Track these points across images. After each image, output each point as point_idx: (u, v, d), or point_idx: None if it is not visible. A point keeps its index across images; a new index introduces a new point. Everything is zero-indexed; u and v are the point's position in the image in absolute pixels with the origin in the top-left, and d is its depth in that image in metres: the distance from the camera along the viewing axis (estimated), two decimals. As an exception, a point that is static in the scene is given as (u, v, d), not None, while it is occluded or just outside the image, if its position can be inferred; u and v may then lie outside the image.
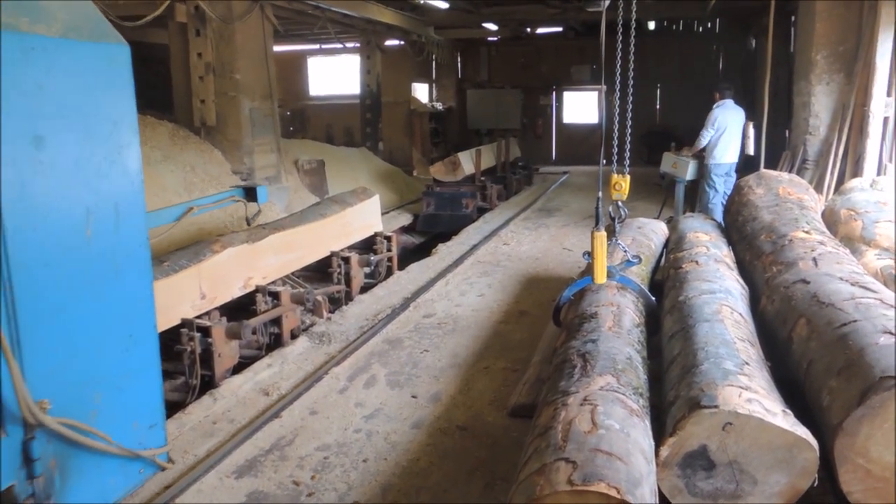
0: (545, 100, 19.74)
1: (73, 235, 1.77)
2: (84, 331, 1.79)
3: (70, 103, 1.77)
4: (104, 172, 1.84)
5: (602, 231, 4.00)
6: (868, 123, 7.43)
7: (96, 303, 1.83)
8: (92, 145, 1.82)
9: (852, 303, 3.35)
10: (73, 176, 1.76)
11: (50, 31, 1.70)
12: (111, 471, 1.95)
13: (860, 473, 2.70)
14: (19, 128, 1.59)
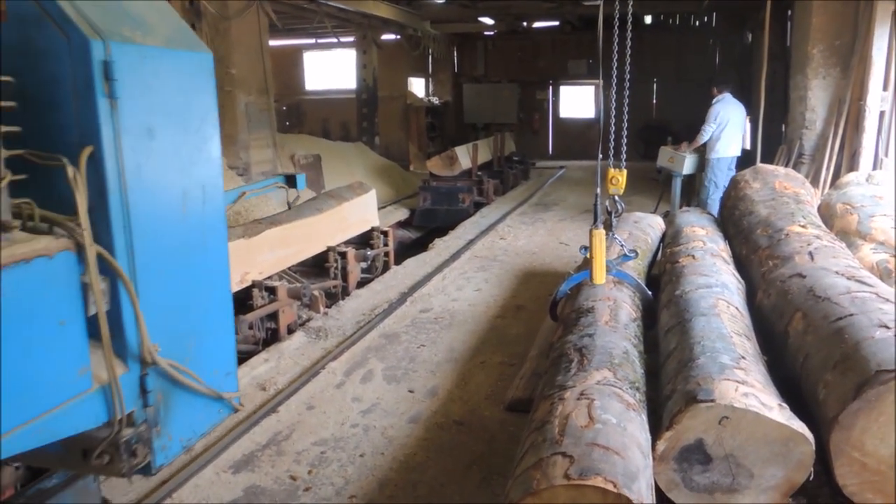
0: (542, 94, 19.71)
1: (173, 211, 2.12)
2: (181, 291, 2.17)
3: (171, 102, 2.12)
4: (195, 160, 2.20)
5: (601, 229, 3.98)
6: (864, 118, 7.43)
7: (189, 268, 2.21)
8: (186, 137, 2.17)
9: (848, 297, 3.36)
10: (173, 162, 2.11)
11: (156, 42, 2.08)
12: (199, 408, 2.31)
13: (856, 467, 2.71)
14: (137, 121, 1.94)
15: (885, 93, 7.36)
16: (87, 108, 1.89)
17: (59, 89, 1.90)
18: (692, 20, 18.01)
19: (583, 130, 18.71)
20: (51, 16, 1.85)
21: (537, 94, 19.65)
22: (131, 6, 2.14)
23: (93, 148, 1.88)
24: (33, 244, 1.72)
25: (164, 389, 2.13)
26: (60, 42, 1.86)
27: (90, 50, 1.86)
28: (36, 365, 1.76)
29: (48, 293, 1.77)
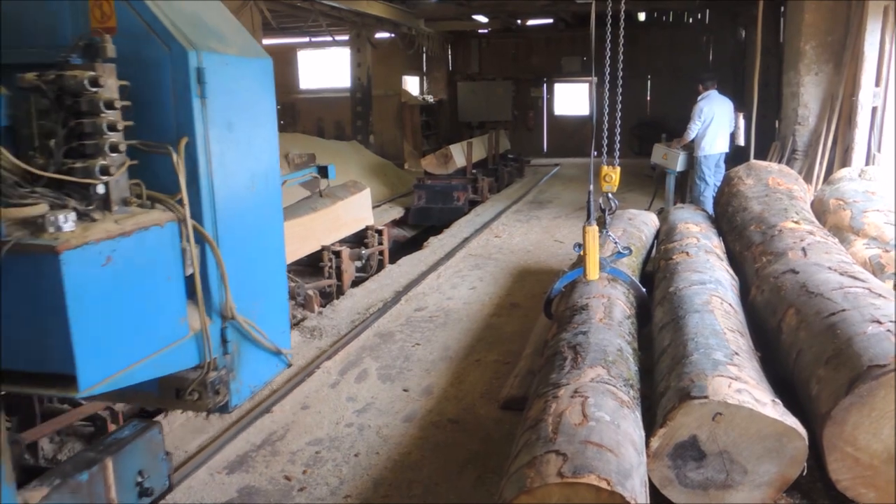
0: (536, 92, 19.72)
1: (245, 191, 2.56)
2: (250, 259, 2.57)
3: (243, 100, 2.57)
4: (261, 149, 2.66)
5: (594, 226, 3.99)
6: (856, 113, 7.45)
7: (256, 240, 2.63)
8: (254, 130, 2.63)
9: (841, 292, 3.37)
10: (246, 151, 2.56)
11: (232, 51, 2.52)
12: (263, 359, 2.71)
13: (848, 462, 2.72)
14: (220, 117, 2.40)
15: (878, 89, 7.37)
16: (183, 106, 2.30)
17: (161, 91, 2.30)
18: (685, 17, 18.03)
19: (577, 128, 18.72)
20: (156, 32, 2.28)
21: (531, 92, 19.66)
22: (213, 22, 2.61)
23: (188, 138, 2.29)
24: (151, 216, 2.16)
25: (238, 341, 2.57)
26: (163, 53, 2.28)
27: (187, 59, 2.28)
28: (154, 311, 2.19)
29: (160, 254, 2.20)
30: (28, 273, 1.90)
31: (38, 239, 1.87)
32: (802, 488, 2.90)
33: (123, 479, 2.60)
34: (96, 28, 2.33)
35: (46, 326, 1.92)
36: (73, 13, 2.29)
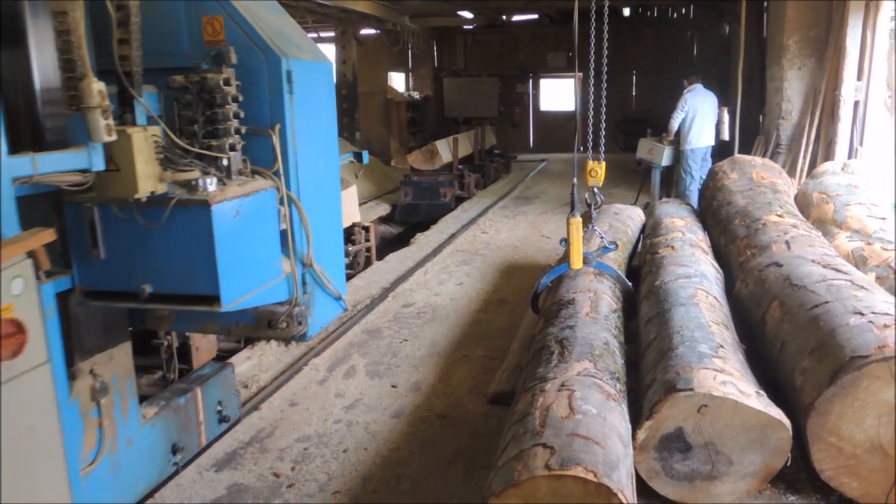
0: (522, 87, 19.73)
1: (317, 167, 3.30)
2: (320, 220, 3.28)
3: (315, 95, 3.28)
4: (326, 134, 3.43)
5: (577, 217, 4.03)
6: (839, 107, 7.51)
7: (323, 206, 3.38)
8: (322, 119, 3.37)
9: (824, 285, 3.41)
10: (317, 135, 3.30)
11: (306, 57, 3.20)
12: (329, 302, 3.41)
13: (832, 452, 2.76)
14: (301, 108, 3.11)
15: (860, 83, 7.44)
16: (277, 100, 3.02)
17: (260, 89, 2.99)
18: (670, 12, 18.09)
19: (563, 123, 18.75)
20: (256, 44, 3.00)
21: (517, 88, 19.66)
22: (293, 34, 3.31)
23: (280, 125, 3.00)
24: (258, 183, 2.86)
25: (313, 285, 3.26)
26: (261, 59, 2.99)
27: (280, 64, 2.99)
28: (262, 254, 2.89)
29: (265, 212, 2.90)
30: (187, 220, 2.57)
31: (195, 195, 2.57)
32: (787, 479, 2.94)
33: (208, 406, 3.25)
34: (209, 41, 3.02)
35: (199, 260, 2.58)
36: (188, 31, 3.00)
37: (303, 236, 3.18)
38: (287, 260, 3.04)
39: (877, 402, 2.67)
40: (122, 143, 2.41)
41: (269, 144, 2.99)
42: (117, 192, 2.45)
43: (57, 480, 1.94)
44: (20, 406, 1.93)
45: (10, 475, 1.83)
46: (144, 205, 2.51)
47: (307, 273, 3.21)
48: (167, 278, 2.64)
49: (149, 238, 2.60)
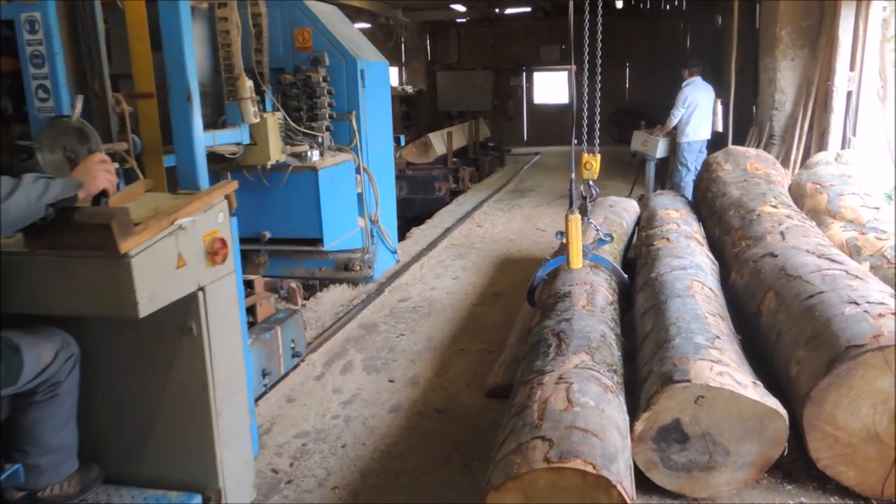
0: (515, 81, 19.71)
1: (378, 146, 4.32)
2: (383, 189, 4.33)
3: (377, 90, 4.25)
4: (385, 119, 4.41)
5: (576, 214, 4.01)
6: (832, 98, 7.54)
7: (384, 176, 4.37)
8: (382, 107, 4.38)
9: (819, 275, 3.42)
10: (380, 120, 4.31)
11: (371, 58, 4.22)
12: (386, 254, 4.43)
13: (828, 441, 2.78)
14: (369, 99, 4.11)
15: (852, 73, 7.46)
16: (353, 93, 4.04)
17: (340, 84, 3.98)
18: (663, 4, 18.08)
19: (557, 116, 18.74)
20: (337, 49, 3.97)
21: (511, 81, 19.64)
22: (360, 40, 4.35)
23: (355, 112, 4.05)
24: (343, 156, 4.00)
25: (378, 238, 4.32)
26: (340, 61, 4.00)
27: (356, 64, 4.02)
28: (347, 210, 4.04)
29: (348, 178, 4.02)
30: (299, 182, 3.64)
31: (305, 164, 3.65)
32: (783, 468, 2.95)
33: (285, 342, 3.84)
34: (300, 48, 3.95)
35: (308, 211, 3.67)
36: (283, 40, 3.91)
37: (372, 199, 4.28)
38: (360, 217, 4.16)
39: (872, 391, 2.69)
40: (262, 125, 3.31)
41: (348, 126, 4.07)
42: (254, 161, 3.38)
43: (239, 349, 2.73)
44: (221, 297, 2.56)
45: (217, 345, 2.54)
46: (269, 170, 3.54)
47: (374, 228, 4.33)
48: (283, 226, 3.78)
49: (269, 196, 3.64)
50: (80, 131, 2.47)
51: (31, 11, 2.42)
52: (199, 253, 2.41)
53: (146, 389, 2.57)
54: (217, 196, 2.54)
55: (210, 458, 2.57)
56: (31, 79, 2.53)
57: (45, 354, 2.27)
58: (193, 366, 2.49)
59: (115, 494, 2.60)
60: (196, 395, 2.52)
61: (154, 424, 2.60)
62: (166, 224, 2.24)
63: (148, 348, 2.53)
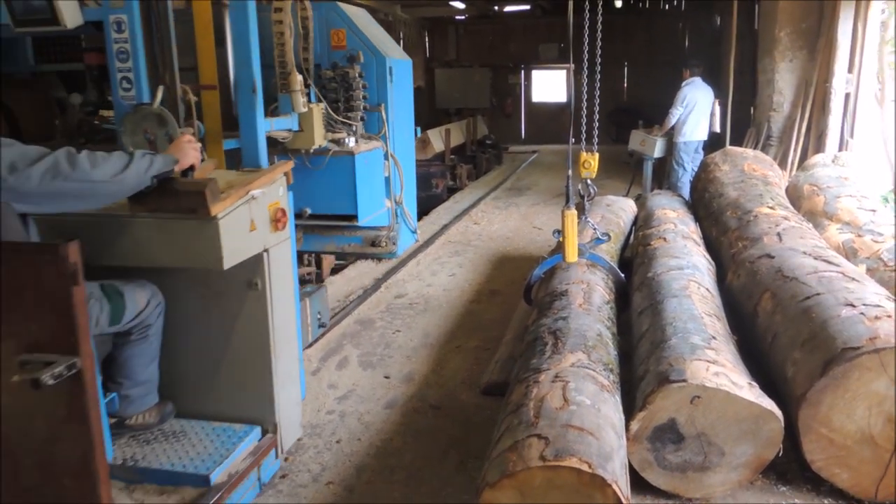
0: (514, 78, 19.69)
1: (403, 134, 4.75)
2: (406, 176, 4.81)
3: (402, 85, 4.68)
4: (408, 111, 4.87)
5: (573, 209, 4.02)
6: (830, 100, 7.54)
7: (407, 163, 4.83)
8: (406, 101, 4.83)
9: (815, 276, 3.43)
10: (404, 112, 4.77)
11: (397, 56, 4.61)
12: (408, 233, 4.92)
13: (823, 442, 2.78)
14: (396, 92, 4.54)
15: (850, 75, 7.46)
16: (382, 87, 4.43)
17: (370, 79, 4.34)
18: (662, 4, 18.09)
19: (555, 114, 18.74)
20: (368, 48, 4.35)
21: (509, 79, 19.63)
22: (386, 39, 4.77)
23: (384, 104, 4.43)
24: (375, 143, 4.38)
25: (401, 218, 4.76)
26: (372, 59, 4.37)
27: (385, 62, 4.40)
28: (377, 190, 4.46)
29: (378, 163, 4.43)
30: (338, 165, 4.05)
31: (344, 149, 4.07)
32: (778, 469, 2.96)
33: (312, 313, 3.98)
34: (335, 46, 4.36)
35: (345, 191, 4.10)
36: (320, 39, 4.25)
37: (397, 182, 4.69)
38: (387, 199, 4.60)
39: (868, 394, 2.69)
40: (308, 114, 3.70)
41: (377, 117, 4.45)
42: (300, 145, 3.77)
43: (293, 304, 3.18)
44: (280, 259, 3.00)
45: (276, 299, 2.96)
46: (312, 154, 3.92)
47: (398, 209, 4.74)
48: (322, 203, 4.16)
49: (311, 177, 3.95)
50: (159, 117, 2.80)
51: (119, 14, 2.79)
52: (265, 219, 2.87)
53: (215, 337, 3.00)
54: (279, 172, 3.00)
55: (268, 396, 3.01)
56: (116, 71, 2.87)
57: (141, 300, 2.73)
58: (257, 316, 2.93)
59: (187, 426, 3.05)
60: (258, 342, 2.95)
61: (221, 367, 3.03)
62: (242, 194, 2.67)
63: (218, 301, 2.96)
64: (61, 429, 1.86)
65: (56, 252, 1.75)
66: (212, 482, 2.72)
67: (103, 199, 2.38)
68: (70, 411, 1.83)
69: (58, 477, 1.91)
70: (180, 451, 2.87)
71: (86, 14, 2.84)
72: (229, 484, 2.74)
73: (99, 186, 2.30)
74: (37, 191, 2.17)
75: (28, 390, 1.75)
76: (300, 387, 3.35)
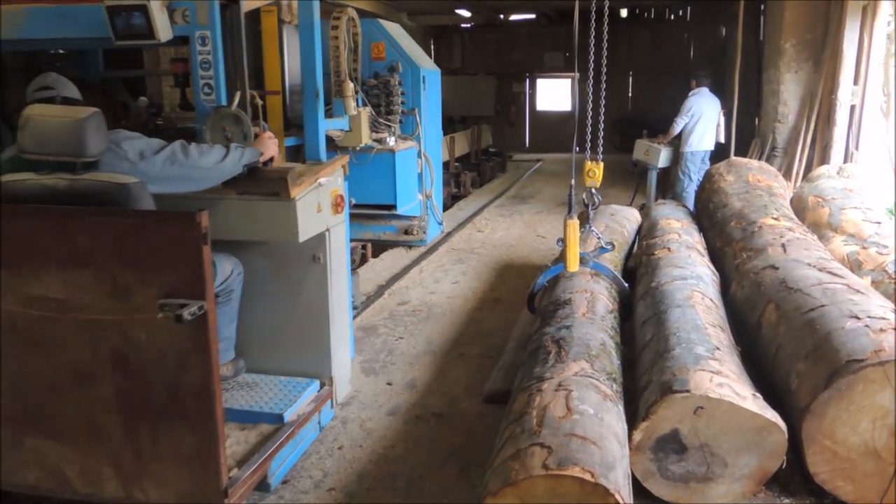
0: (518, 87, 19.72)
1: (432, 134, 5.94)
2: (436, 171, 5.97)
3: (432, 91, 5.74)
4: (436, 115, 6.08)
5: (574, 219, 4.02)
6: (835, 111, 7.54)
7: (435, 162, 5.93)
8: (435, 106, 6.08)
9: (820, 288, 3.42)
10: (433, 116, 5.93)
11: (428, 66, 5.67)
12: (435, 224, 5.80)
13: (827, 455, 2.77)
14: (428, 98, 5.77)
15: (856, 87, 7.47)
16: (416, 94, 5.48)
17: (407, 86, 5.31)
18: (667, 14, 18.13)
19: (559, 123, 18.75)
20: (404, 59, 5.39)
21: (514, 87, 19.65)
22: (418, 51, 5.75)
23: (417, 109, 5.50)
24: (410, 143, 5.57)
25: (430, 211, 5.72)
26: (407, 69, 5.37)
27: (419, 71, 5.48)
28: (412, 184, 5.64)
29: (412, 160, 5.58)
30: (381, 161, 5.04)
31: (385, 147, 5.05)
32: (781, 481, 2.95)
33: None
34: (375, 58, 5.25)
35: (386, 183, 5.16)
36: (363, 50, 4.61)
37: (428, 178, 5.68)
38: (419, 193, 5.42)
39: (872, 406, 2.68)
40: (357, 116, 4.12)
41: (411, 120, 5.38)
42: (349, 143, 4.23)
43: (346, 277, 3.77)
44: (338, 238, 3.56)
45: (334, 272, 3.51)
46: (359, 151, 4.45)
47: (428, 202, 5.68)
48: (366, 194, 4.79)
49: (356, 171, 4.28)
50: (236, 117, 3.21)
51: (203, 30, 3.19)
52: (328, 203, 3.41)
53: (282, 303, 3.50)
54: (339, 165, 3.56)
55: (326, 354, 3.56)
56: (199, 78, 3.24)
57: (227, 268, 3.19)
58: (318, 286, 3.46)
59: (257, 378, 3.54)
60: (318, 308, 3.49)
61: (286, 329, 3.53)
62: (312, 181, 3.21)
63: (286, 272, 3.47)
64: (188, 358, 2.38)
65: (192, 218, 2.27)
66: (285, 420, 3.23)
67: (205, 183, 2.91)
68: (196, 344, 2.36)
69: (183, 397, 2.43)
70: (255, 397, 3.37)
71: (175, 30, 3.21)
72: (297, 423, 3.27)
73: (204, 172, 2.84)
74: (159, 174, 2.71)
75: (163, 327, 2.32)
76: (350, 348, 3.99)
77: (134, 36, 3.17)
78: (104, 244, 2.40)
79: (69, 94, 2.87)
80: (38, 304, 2.47)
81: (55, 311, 2.46)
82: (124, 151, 2.68)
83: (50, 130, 2.55)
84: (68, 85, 2.92)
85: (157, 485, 2.56)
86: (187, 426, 2.45)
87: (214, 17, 3.19)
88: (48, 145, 2.55)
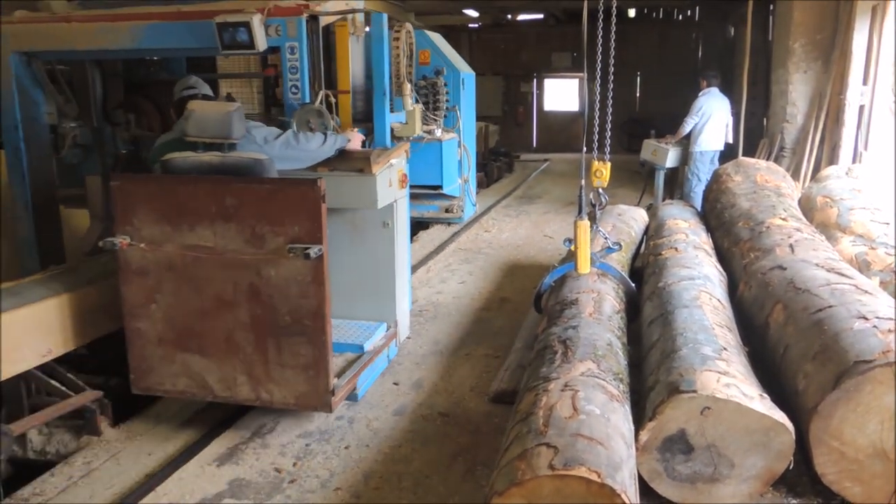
0: (526, 87, 19.70)
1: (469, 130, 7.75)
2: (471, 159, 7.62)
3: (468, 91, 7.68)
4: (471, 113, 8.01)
5: (585, 220, 4.01)
6: (844, 112, 7.50)
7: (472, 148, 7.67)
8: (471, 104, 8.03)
9: (828, 289, 3.40)
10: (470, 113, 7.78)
11: (465, 70, 7.35)
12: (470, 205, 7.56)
13: (834, 456, 2.76)
14: (465, 97, 7.60)
15: (865, 87, 7.42)
16: (456, 94, 7.36)
17: (449, 87, 7.08)
18: (675, 14, 18.08)
19: (567, 123, 18.74)
20: (447, 64, 7.33)
21: (521, 87, 19.64)
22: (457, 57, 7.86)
23: (457, 106, 7.41)
24: (452, 135, 7.41)
25: (466, 193, 7.82)
26: (449, 73, 7.27)
27: (460, 75, 7.47)
28: (454, 168, 7.60)
29: (454, 149, 7.48)
30: (430, 149, 6.95)
31: (433, 137, 6.90)
32: (788, 482, 2.94)
33: None
34: (422, 63, 6.97)
35: (434, 167, 7.13)
36: None
37: (466, 165, 7.29)
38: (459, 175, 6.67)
39: (880, 407, 2.67)
40: (412, 111, 4.77)
41: (453, 115, 6.90)
42: (405, 133, 4.80)
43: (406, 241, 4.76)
44: (401, 208, 4.40)
45: (398, 236, 4.35)
46: (412, 140, 4.84)
47: (465, 186, 7.15)
48: (417, 177, 5.37)
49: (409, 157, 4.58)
50: (318, 112, 3.93)
51: (292, 41, 3.91)
52: (396, 180, 4.18)
53: (358, 261, 4.29)
54: (404, 149, 4.34)
55: (392, 303, 4.39)
56: (288, 81, 3.97)
57: None
58: (387, 247, 4.29)
59: (339, 322, 4.22)
60: (387, 265, 4.31)
61: (360, 282, 4.32)
62: (385, 162, 3.99)
63: (361, 236, 4.28)
64: (308, 288, 3.21)
65: (314, 183, 3.14)
66: (364, 349, 4.05)
67: (308, 162, 3.73)
68: (315, 277, 3.19)
69: (302, 318, 3.25)
70: (340, 334, 4.12)
71: (269, 41, 3.89)
72: (374, 352, 4.09)
73: (309, 154, 3.69)
74: (277, 154, 3.50)
75: (290, 264, 3.19)
76: (409, 299, 4.86)
77: (237, 46, 3.83)
78: (246, 204, 3.20)
79: (206, 93, 3.86)
80: (192, 249, 3.29)
81: (205, 254, 3.27)
82: (253, 136, 3.48)
83: (208, 119, 3.32)
84: (205, 86, 3.90)
85: (279, 388, 3.37)
86: (305, 340, 3.26)
87: (302, 31, 3.90)
88: (207, 130, 3.33)
